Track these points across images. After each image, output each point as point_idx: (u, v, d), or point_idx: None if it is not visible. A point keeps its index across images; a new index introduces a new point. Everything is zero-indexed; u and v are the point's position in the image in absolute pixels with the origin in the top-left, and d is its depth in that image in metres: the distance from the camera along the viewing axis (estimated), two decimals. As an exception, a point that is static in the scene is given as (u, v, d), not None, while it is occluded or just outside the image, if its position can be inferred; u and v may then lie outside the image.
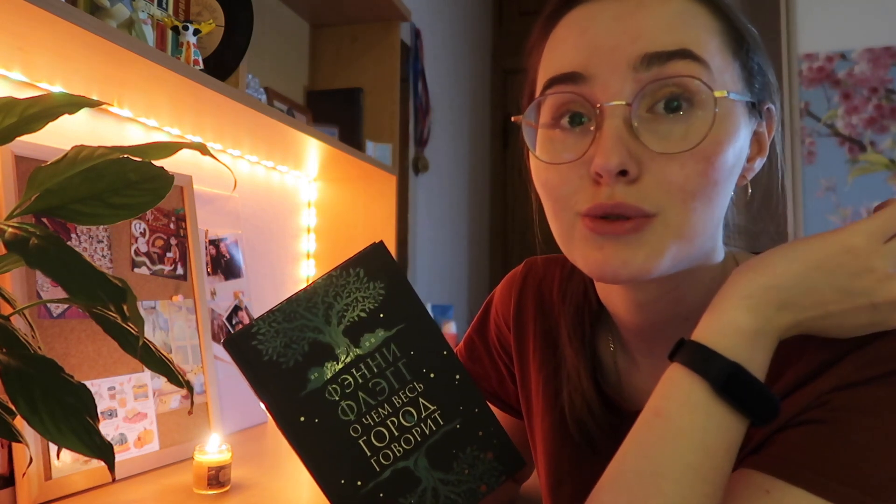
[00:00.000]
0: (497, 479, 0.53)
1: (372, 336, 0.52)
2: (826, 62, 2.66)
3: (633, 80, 0.49)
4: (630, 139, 0.49)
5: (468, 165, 3.32)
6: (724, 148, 0.50)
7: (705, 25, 0.51)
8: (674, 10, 0.51)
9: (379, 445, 0.51)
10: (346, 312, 0.52)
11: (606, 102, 0.49)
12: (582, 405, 0.63)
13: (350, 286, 0.52)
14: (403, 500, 0.51)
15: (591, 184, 0.51)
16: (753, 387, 0.46)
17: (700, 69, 0.49)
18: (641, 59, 0.49)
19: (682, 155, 0.49)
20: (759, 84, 0.55)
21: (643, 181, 0.49)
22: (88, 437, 0.50)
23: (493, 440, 0.53)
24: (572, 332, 0.66)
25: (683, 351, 0.48)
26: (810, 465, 0.46)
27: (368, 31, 1.81)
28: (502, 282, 0.78)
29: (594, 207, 0.50)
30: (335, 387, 0.51)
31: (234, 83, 1.19)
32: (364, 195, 1.77)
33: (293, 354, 0.51)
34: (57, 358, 0.62)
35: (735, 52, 0.53)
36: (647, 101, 0.50)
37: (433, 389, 0.53)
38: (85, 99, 0.56)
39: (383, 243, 0.54)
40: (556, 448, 0.66)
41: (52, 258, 0.47)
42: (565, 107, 0.53)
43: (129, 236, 1.06)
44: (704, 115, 0.49)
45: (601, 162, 0.48)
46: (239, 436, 1.23)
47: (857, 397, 0.47)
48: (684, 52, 0.49)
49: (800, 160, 2.64)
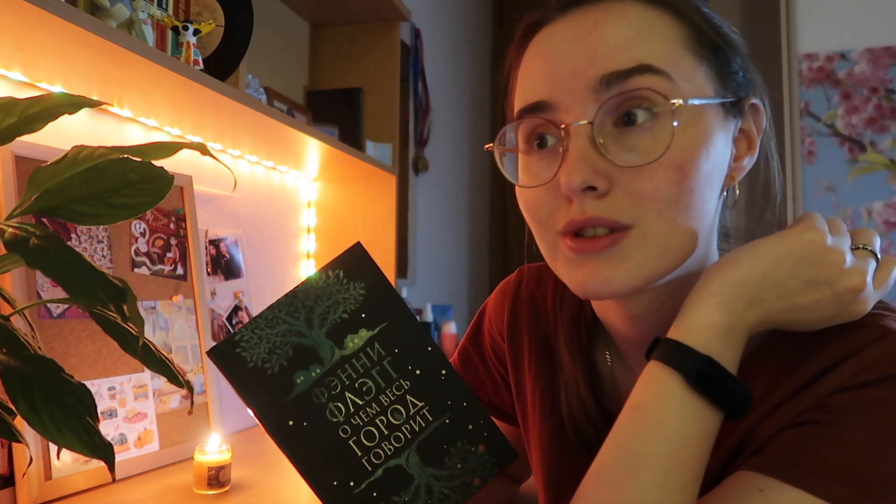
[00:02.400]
0: (490, 471, 0.53)
1: (355, 336, 0.52)
2: (826, 62, 2.66)
3: (594, 101, 0.50)
4: (596, 156, 0.50)
5: (468, 165, 3.32)
6: (695, 153, 0.50)
7: (665, 34, 0.51)
8: (630, 24, 0.51)
9: (369, 445, 0.51)
10: (328, 315, 0.52)
11: (571, 123, 0.50)
12: (580, 413, 0.63)
13: (330, 288, 0.53)
14: (397, 498, 0.51)
15: (566, 203, 0.52)
16: (725, 379, 0.47)
17: (660, 80, 0.50)
18: (600, 81, 0.50)
19: (650, 166, 0.49)
20: (738, 81, 0.55)
21: (614, 195, 0.50)
22: (88, 437, 0.50)
23: (484, 433, 0.53)
24: (570, 341, 0.66)
25: (659, 348, 0.49)
26: (804, 464, 0.46)
27: (368, 31, 1.81)
28: (495, 291, 0.78)
29: (567, 224, 0.51)
30: (322, 389, 0.51)
31: (233, 83, 1.19)
32: (364, 195, 1.77)
33: (277, 360, 0.51)
34: (57, 358, 0.62)
35: (701, 54, 0.52)
36: (610, 117, 0.51)
37: (420, 386, 0.53)
38: (85, 99, 0.56)
39: (361, 244, 0.54)
40: (554, 456, 0.66)
41: (52, 258, 0.47)
42: (534, 131, 0.54)
43: (129, 236, 1.06)
44: (667, 124, 0.50)
45: (565, 180, 0.50)
46: (239, 436, 1.23)
47: (854, 399, 0.47)
48: (642, 68, 0.50)
49: (800, 160, 2.64)
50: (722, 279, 0.49)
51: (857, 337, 0.49)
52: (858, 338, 0.49)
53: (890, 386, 0.47)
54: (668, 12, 0.52)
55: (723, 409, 0.47)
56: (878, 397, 0.47)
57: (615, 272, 0.50)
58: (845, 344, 0.49)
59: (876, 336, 0.49)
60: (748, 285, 0.48)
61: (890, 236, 2.57)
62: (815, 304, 0.49)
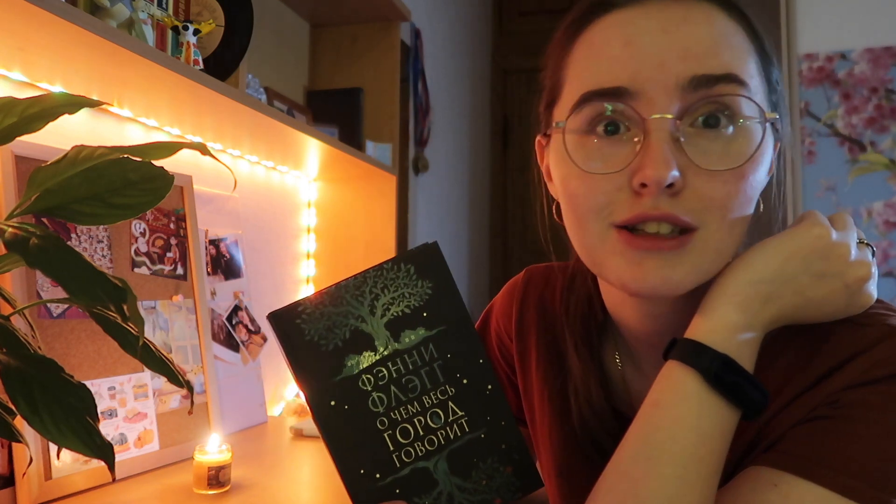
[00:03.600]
0: (513, 494, 0.53)
1: (412, 333, 0.53)
2: (826, 62, 2.66)
3: (680, 98, 0.49)
4: (676, 152, 0.49)
5: (468, 165, 3.32)
6: (760, 167, 0.51)
7: (744, 47, 0.52)
8: (718, 30, 0.51)
9: (403, 442, 0.52)
10: (391, 306, 0.53)
11: (653, 115, 0.49)
12: (592, 419, 0.63)
13: (399, 280, 0.53)
14: (418, 500, 0.51)
15: (630, 195, 0.50)
16: (743, 377, 0.48)
17: (744, 92, 0.50)
18: (690, 80, 0.49)
19: (724, 172, 0.49)
20: (778, 102, 0.56)
21: (684, 195, 0.49)
22: (88, 437, 0.50)
23: (515, 455, 0.53)
24: (580, 344, 0.65)
25: (677, 348, 0.50)
26: (817, 458, 0.47)
27: (368, 31, 1.81)
28: (502, 291, 0.77)
29: (635, 217, 0.50)
30: (369, 377, 0.52)
31: (233, 83, 1.19)
32: (364, 195, 1.77)
33: (334, 339, 0.51)
34: (57, 358, 0.62)
35: (764, 71, 0.53)
36: (690, 116, 0.50)
37: (464, 395, 0.53)
38: (85, 99, 0.56)
39: (436, 244, 0.54)
40: (567, 459, 0.66)
41: (52, 258, 0.47)
42: (603, 115, 0.52)
43: (129, 236, 1.06)
44: (748, 134, 0.50)
45: (652, 173, 0.48)
46: (239, 436, 1.23)
47: (865, 395, 0.48)
48: (730, 77, 0.50)
49: (800, 160, 2.64)
50: (737, 280, 0.50)
51: (865, 335, 0.50)
52: (867, 336, 0.50)
53: None
54: (744, 26, 0.53)
55: (740, 407, 0.48)
56: (889, 393, 0.48)
57: (675, 272, 0.50)
58: (854, 342, 0.50)
59: (884, 334, 0.50)
60: (762, 284, 0.49)
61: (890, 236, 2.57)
62: (828, 296, 0.50)
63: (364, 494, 0.51)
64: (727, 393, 0.48)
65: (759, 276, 0.50)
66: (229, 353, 1.29)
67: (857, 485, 0.45)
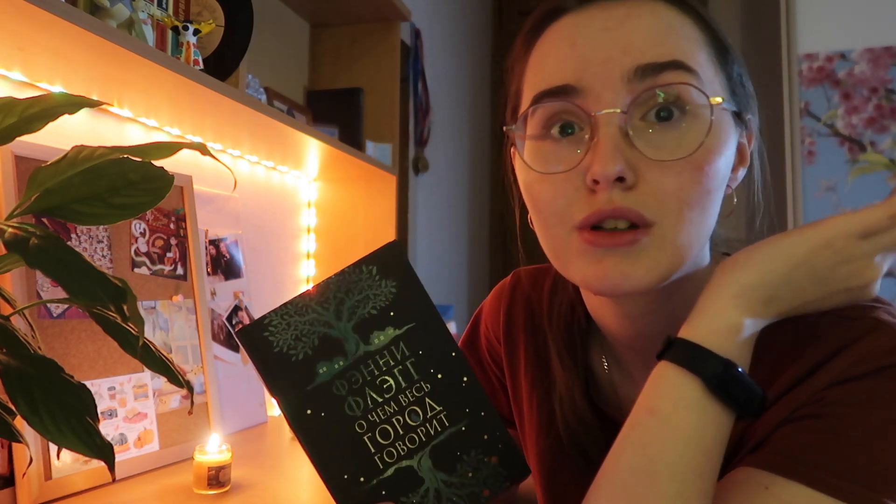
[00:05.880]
0: (501, 484, 0.53)
1: (381, 333, 0.53)
2: (826, 62, 2.66)
3: (627, 91, 0.49)
4: (626, 147, 0.49)
5: (468, 165, 3.32)
6: (716, 156, 0.50)
7: (692, 37, 0.52)
8: (664, 21, 0.51)
9: (383, 443, 0.51)
10: (357, 309, 0.52)
11: (600, 111, 0.49)
12: (577, 424, 0.62)
13: (362, 283, 0.53)
14: (405, 500, 0.51)
15: (587, 194, 0.50)
16: (744, 383, 0.47)
17: (692, 79, 0.50)
18: (634, 71, 0.49)
19: (677, 163, 0.49)
20: (741, 95, 0.55)
21: (639, 189, 0.49)
22: (88, 437, 0.50)
23: (499, 445, 0.53)
24: (564, 351, 0.65)
25: (674, 350, 0.48)
26: (808, 460, 0.46)
27: (368, 31, 1.81)
28: (491, 294, 0.77)
29: (592, 214, 0.50)
30: (343, 382, 0.52)
31: (233, 83, 1.19)
32: (364, 195, 1.77)
33: (303, 347, 0.51)
34: (57, 358, 0.62)
35: (720, 63, 0.53)
36: (640, 109, 0.50)
37: (440, 390, 0.53)
38: (85, 99, 0.56)
39: (399, 242, 0.54)
40: (553, 464, 0.66)
41: (52, 258, 0.47)
42: (556, 116, 0.52)
43: (129, 236, 1.06)
44: (698, 123, 0.50)
45: (599, 169, 0.48)
46: (239, 436, 1.23)
47: (851, 392, 0.47)
48: (676, 63, 0.50)
49: (800, 160, 2.64)
50: (739, 280, 0.49)
51: (849, 330, 0.49)
52: (851, 331, 0.49)
53: (884, 377, 0.47)
54: (692, 16, 0.53)
55: (739, 412, 0.47)
56: (873, 389, 0.47)
57: (634, 267, 0.50)
58: (839, 337, 0.49)
59: (868, 328, 0.49)
60: (766, 287, 0.48)
61: (890, 236, 2.56)
62: (826, 297, 0.49)
63: (350, 499, 0.50)
64: (728, 399, 0.46)
65: (762, 278, 0.48)
66: (229, 353, 1.30)
67: (849, 485, 0.44)
